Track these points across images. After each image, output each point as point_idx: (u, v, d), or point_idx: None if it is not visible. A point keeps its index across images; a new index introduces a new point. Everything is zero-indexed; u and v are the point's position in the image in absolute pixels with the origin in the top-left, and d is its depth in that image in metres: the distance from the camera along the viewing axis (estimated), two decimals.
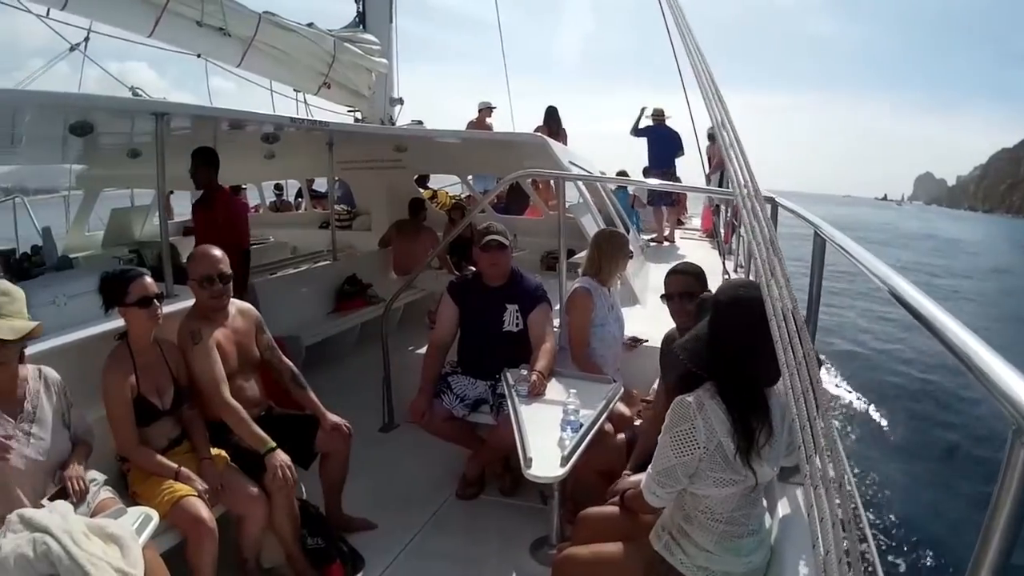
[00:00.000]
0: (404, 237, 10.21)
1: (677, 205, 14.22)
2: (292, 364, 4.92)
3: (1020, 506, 1.35)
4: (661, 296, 4.62)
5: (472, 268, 7.46)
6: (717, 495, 2.95)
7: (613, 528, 3.51)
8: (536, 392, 4.75)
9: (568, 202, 7.28)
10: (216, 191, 7.36)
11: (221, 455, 4.25)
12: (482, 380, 5.43)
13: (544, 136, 8.59)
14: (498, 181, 7.66)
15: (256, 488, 4.11)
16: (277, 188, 16.86)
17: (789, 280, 2.58)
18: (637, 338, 5.87)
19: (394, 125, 11.12)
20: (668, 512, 3.20)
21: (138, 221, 13.11)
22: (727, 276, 9.10)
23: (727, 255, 10.75)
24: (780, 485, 3.57)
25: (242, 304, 4.84)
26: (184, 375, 4.33)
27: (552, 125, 13.26)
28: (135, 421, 4.03)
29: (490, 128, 14.27)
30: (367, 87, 10.25)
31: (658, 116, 13.61)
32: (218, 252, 4.54)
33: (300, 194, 16.49)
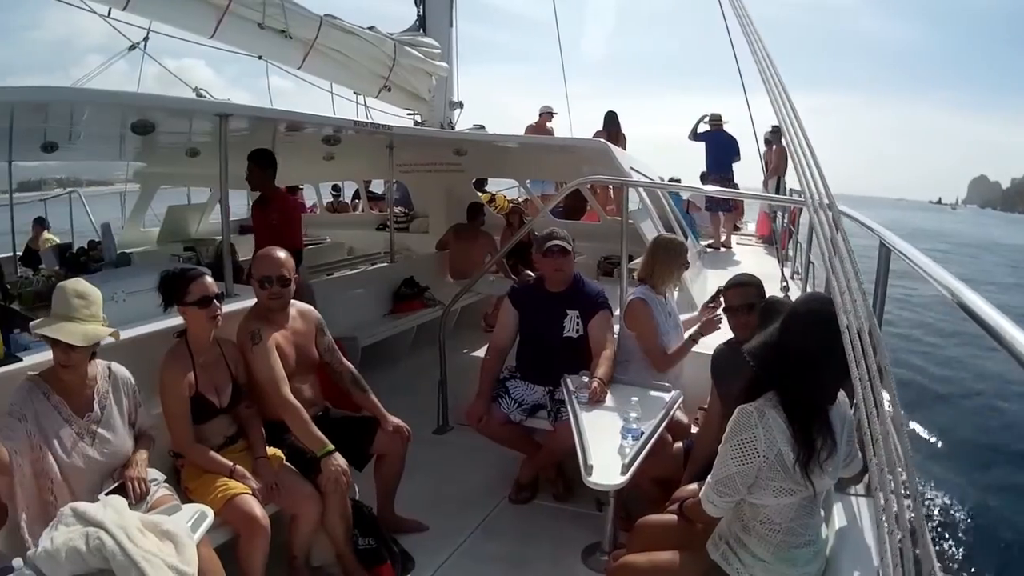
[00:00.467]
0: (461, 241, 10.20)
1: (734, 211, 14.09)
2: (352, 367, 4.93)
3: None
4: (723, 308, 4.57)
5: (529, 273, 7.43)
6: (776, 505, 2.94)
7: (670, 537, 3.48)
8: (597, 399, 4.70)
9: (633, 207, 7.23)
10: (272, 192, 7.39)
11: (277, 454, 4.25)
12: (540, 385, 5.39)
13: (606, 142, 8.56)
14: (558, 186, 7.65)
15: (310, 488, 4.12)
16: (335, 189, 16.91)
17: (865, 296, 2.55)
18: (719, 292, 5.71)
19: (453, 128, 11.14)
20: (726, 522, 3.18)
21: (194, 219, 13.25)
22: (784, 283, 9.02)
23: (784, 261, 10.63)
24: (836, 495, 3.53)
25: (303, 306, 4.85)
26: (243, 374, 4.35)
27: (612, 129, 13.18)
28: (192, 418, 4.05)
29: (551, 132, 14.21)
30: (427, 90, 10.25)
31: (716, 121, 13.47)
32: (281, 254, 4.54)
33: (357, 195, 16.57)
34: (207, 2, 7.27)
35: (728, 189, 12.13)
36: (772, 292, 4.36)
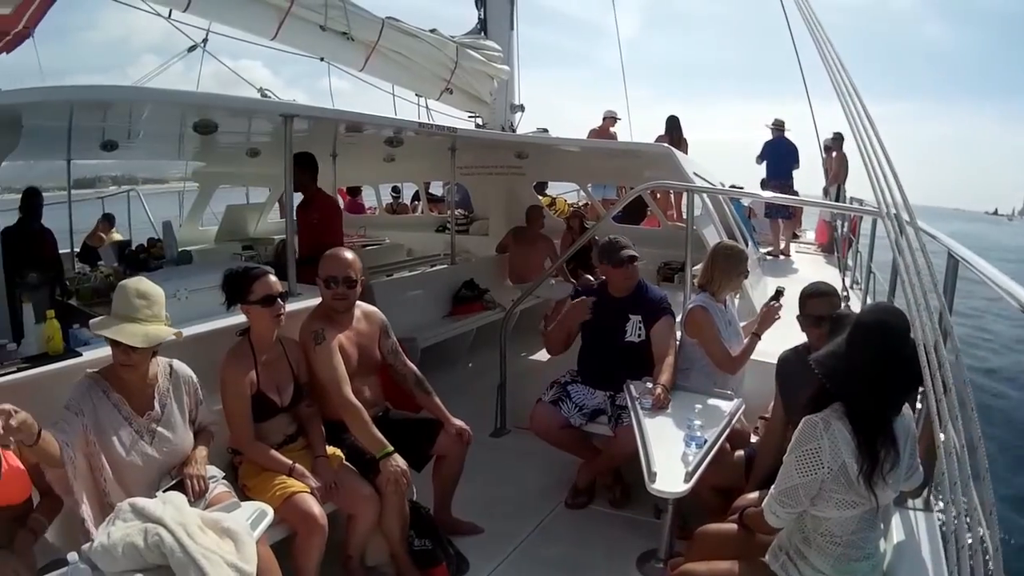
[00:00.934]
0: (520, 244, 10.19)
1: (793, 218, 13.94)
2: (416, 368, 4.93)
3: None
4: (797, 317, 4.48)
5: (589, 277, 7.40)
6: (838, 517, 2.91)
7: (729, 546, 3.47)
8: (659, 405, 4.68)
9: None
10: (314, 194, 7.43)
11: (336, 454, 4.27)
12: (601, 390, 5.37)
13: (670, 146, 8.52)
14: (620, 190, 7.61)
15: (369, 488, 4.13)
16: (394, 190, 16.96)
17: (946, 310, 2.51)
18: (780, 292, 5.63)
19: (514, 131, 11.14)
20: (786, 533, 3.16)
21: (252, 218, 13.40)
22: (844, 293, 8.88)
23: (844, 271, 10.49)
24: (894, 508, 3.48)
25: (368, 307, 4.86)
26: (304, 373, 4.36)
27: (674, 135, 13.13)
28: (252, 416, 4.07)
29: (614, 137, 14.18)
30: (488, 93, 10.29)
31: (778, 127, 13.34)
32: (348, 256, 4.56)
33: (416, 197, 16.57)
34: (268, 4, 7.36)
35: (795, 196, 12.04)
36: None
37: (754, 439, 4.84)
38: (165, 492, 3.36)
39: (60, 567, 2.87)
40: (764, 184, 13.08)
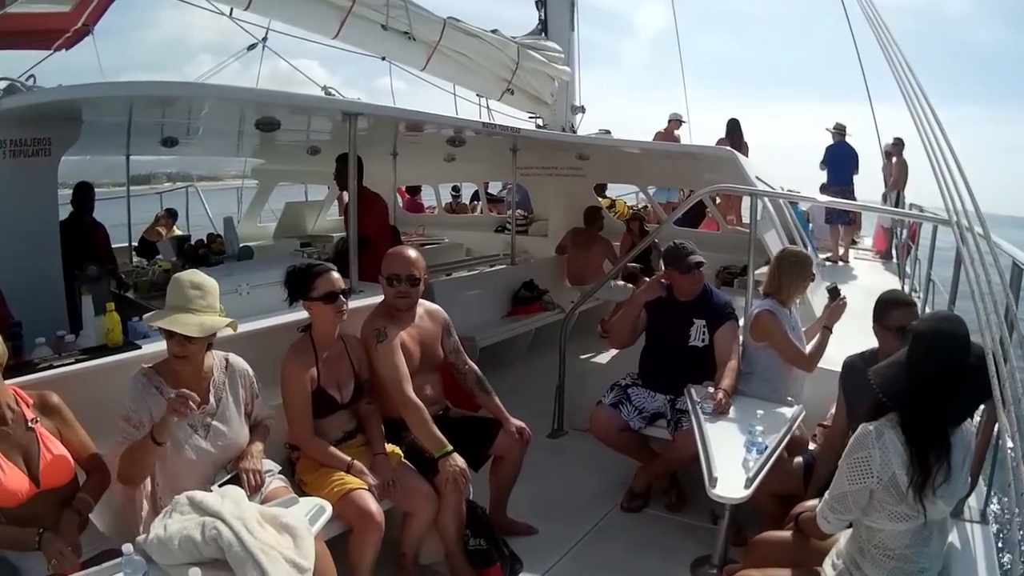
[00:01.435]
0: (579, 246, 10.17)
1: (853, 224, 13.74)
2: (477, 368, 4.93)
3: None
4: (874, 327, 4.38)
5: (648, 280, 7.38)
6: (891, 530, 2.88)
7: (786, 554, 3.45)
8: (721, 410, 4.64)
9: (748, 217, 7.11)
10: (360, 192, 7.41)
11: (395, 451, 4.26)
12: (661, 394, 5.34)
13: (732, 150, 8.46)
14: (683, 193, 7.56)
15: (427, 486, 4.12)
16: (454, 190, 17.00)
17: (1016, 319, 2.47)
18: (838, 289, 5.58)
19: (575, 132, 11.12)
20: (843, 543, 3.15)
21: (311, 215, 13.52)
22: None
23: (903, 278, 10.33)
24: (952, 522, 3.42)
25: (431, 306, 4.87)
26: (366, 370, 4.37)
27: (735, 138, 13.01)
28: (312, 412, 4.09)
29: (677, 140, 14.07)
30: (550, 94, 10.28)
31: (839, 132, 13.16)
32: (412, 254, 4.56)
33: (475, 197, 16.63)
34: (330, 3, 7.41)
35: (862, 203, 11.90)
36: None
37: (812, 446, 4.80)
38: (222, 486, 3.36)
39: (113, 558, 2.88)
40: (824, 189, 12.92)
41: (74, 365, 3.79)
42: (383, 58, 8.73)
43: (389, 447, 4.27)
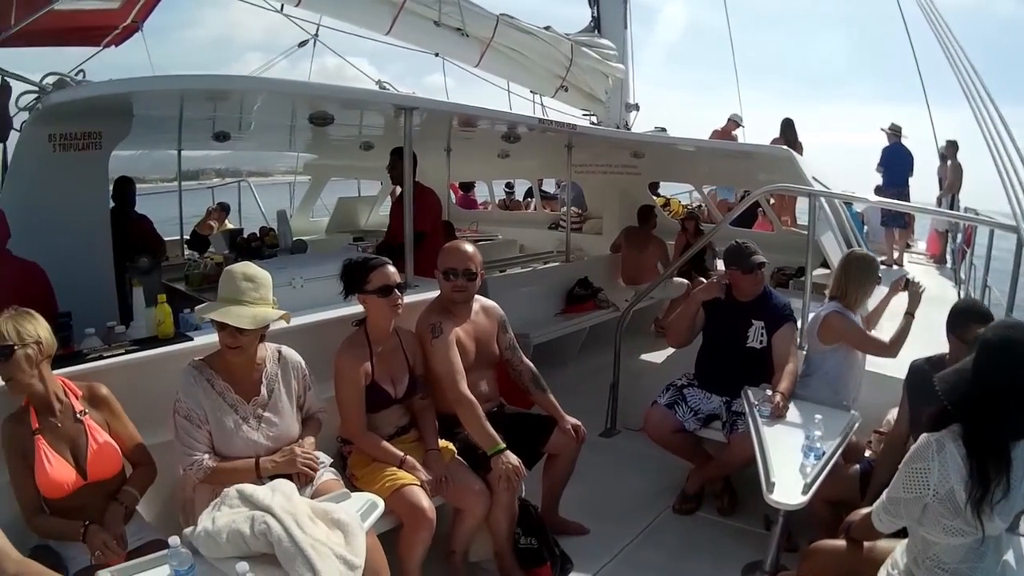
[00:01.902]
0: (632, 244, 10.11)
1: (908, 227, 13.55)
2: (532, 365, 4.90)
3: None
4: (949, 336, 4.27)
5: (703, 279, 7.32)
6: (945, 544, 2.81)
7: (840, 563, 3.41)
8: (778, 414, 4.59)
9: (802, 218, 7.03)
10: (412, 186, 7.39)
11: (448, 447, 4.25)
12: (717, 395, 5.30)
13: (790, 149, 8.38)
14: (738, 194, 7.50)
15: (480, 484, 4.10)
16: (508, 186, 17.01)
17: None
18: (908, 280, 5.50)
19: (629, 130, 11.08)
20: (898, 553, 3.09)
21: (364, 210, 13.63)
22: None
23: (959, 284, 10.17)
24: (1008, 537, 3.37)
25: (487, 302, 4.84)
26: (420, 365, 4.35)
27: (789, 137, 12.90)
28: (365, 407, 4.07)
29: (735, 140, 13.94)
30: (604, 92, 10.22)
31: (895, 132, 12.98)
32: (469, 248, 4.54)
33: (528, 193, 16.61)
34: None
35: (922, 205, 11.75)
36: (944, 316, 4.14)
37: (867, 453, 4.74)
38: (273, 479, 3.35)
39: (159, 548, 2.89)
40: (879, 191, 12.74)
41: (124, 356, 3.80)
42: (436, 54, 8.77)
43: (442, 443, 4.25)
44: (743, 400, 4.88)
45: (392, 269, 4.15)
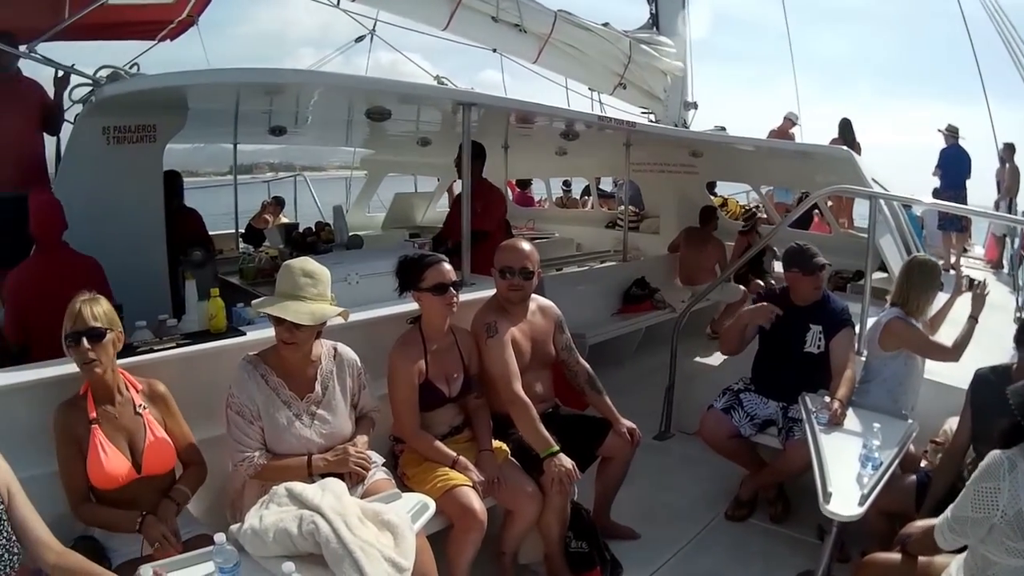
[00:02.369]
0: (692, 245, 10.02)
1: (965, 231, 13.31)
2: (588, 366, 4.85)
3: None
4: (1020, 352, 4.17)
5: (760, 282, 7.24)
6: (1007, 565, 2.72)
7: None
8: (836, 422, 4.52)
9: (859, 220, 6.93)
10: (478, 183, 7.37)
11: (502, 448, 4.21)
12: (774, 400, 5.23)
13: (849, 150, 8.28)
14: (798, 197, 7.40)
15: (533, 486, 4.05)
16: (565, 184, 16.97)
17: None
18: (972, 280, 5.39)
19: (687, 129, 11.01)
20: (954, 568, 3.00)
21: (420, 206, 13.68)
22: (1019, 314, 8.46)
23: (1018, 290, 9.97)
24: None
25: (544, 301, 4.80)
26: (475, 365, 4.32)
27: (848, 137, 12.77)
28: (419, 405, 4.05)
29: (792, 139, 13.84)
30: (662, 89, 10.16)
31: (952, 134, 12.75)
32: (526, 247, 4.49)
33: (586, 192, 16.52)
34: None
35: (985, 209, 11.55)
36: (1005, 324, 4.04)
37: (923, 463, 4.65)
38: (324, 478, 3.35)
39: (205, 543, 2.88)
40: (936, 194, 12.56)
41: (175, 349, 3.81)
42: (494, 50, 8.77)
43: (496, 444, 4.22)
44: (800, 406, 4.81)
45: (448, 267, 4.11)
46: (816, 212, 11.75)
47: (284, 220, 10.72)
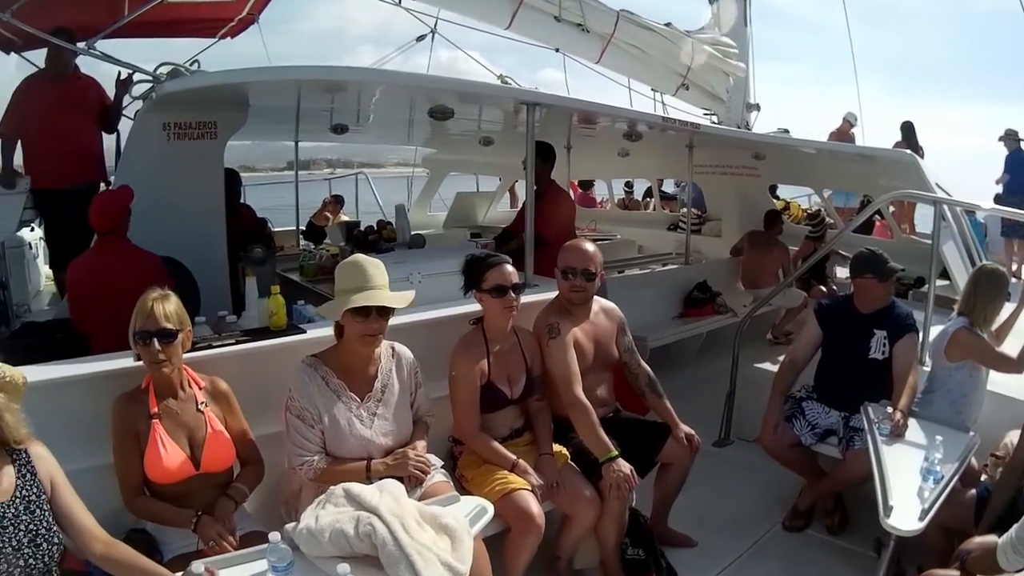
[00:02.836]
0: (756, 249, 9.90)
1: None
2: (650, 370, 4.82)
3: None
4: None
5: (822, 288, 7.16)
6: None
7: None
8: (898, 433, 4.46)
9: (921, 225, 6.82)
10: (547, 185, 7.30)
11: (562, 452, 4.20)
12: (836, 410, 5.16)
13: (914, 154, 8.17)
14: (862, 200, 7.31)
15: (592, 490, 4.03)
16: (627, 186, 16.90)
17: None
18: None
19: (750, 130, 10.92)
20: None
21: (482, 206, 13.69)
22: None
23: None
24: None
25: (607, 303, 4.77)
26: (538, 366, 4.31)
27: (911, 141, 12.62)
28: (480, 407, 4.04)
29: (852, 140, 13.73)
30: (725, 90, 10.11)
31: (1012, 138, 12.50)
32: (589, 248, 4.48)
33: (648, 193, 16.41)
34: None
35: None
36: None
37: (983, 477, 4.57)
38: (382, 479, 3.33)
39: (259, 540, 2.89)
40: (999, 200, 12.33)
41: (235, 346, 3.83)
42: (557, 50, 8.77)
43: (556, 447, 4.20)
44: (862, 416, 4.74)
45: (509, 268, 4.10)
46: (878, 217, 11.59)
47: (344, 218, 10.79)
